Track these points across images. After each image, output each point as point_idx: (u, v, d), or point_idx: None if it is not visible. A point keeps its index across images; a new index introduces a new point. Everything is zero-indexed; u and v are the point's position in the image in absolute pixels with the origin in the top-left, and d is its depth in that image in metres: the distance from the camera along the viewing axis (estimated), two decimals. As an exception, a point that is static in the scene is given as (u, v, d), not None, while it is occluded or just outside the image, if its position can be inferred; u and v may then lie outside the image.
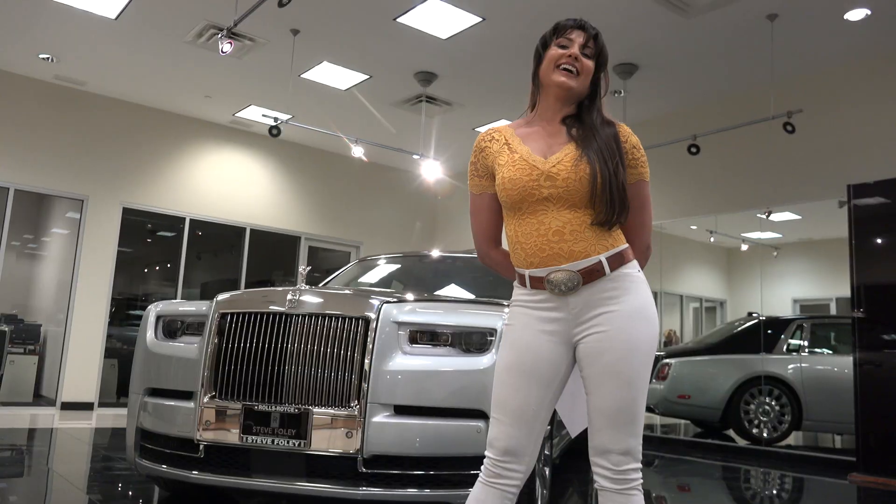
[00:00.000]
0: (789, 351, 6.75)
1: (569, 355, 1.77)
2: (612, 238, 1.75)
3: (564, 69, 1.80)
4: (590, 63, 1.82)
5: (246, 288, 8.03)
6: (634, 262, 1.79)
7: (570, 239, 1.72)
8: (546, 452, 3.34)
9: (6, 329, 8.41)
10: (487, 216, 1.91)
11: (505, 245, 1.94)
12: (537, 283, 1.76)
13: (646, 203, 1.87)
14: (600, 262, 1.72)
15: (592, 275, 1.71)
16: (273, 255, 10.23)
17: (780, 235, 7.73)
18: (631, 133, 1.85)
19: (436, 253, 4.91)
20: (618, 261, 1.74)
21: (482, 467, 1.75)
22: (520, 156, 1.79)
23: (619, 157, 1.76)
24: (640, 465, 1.70)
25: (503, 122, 1.95)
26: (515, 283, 1.85)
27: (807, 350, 6.76)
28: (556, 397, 1.79)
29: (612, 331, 1.70)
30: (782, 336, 6.82)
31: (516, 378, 1.74)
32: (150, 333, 3.30)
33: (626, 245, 1.78)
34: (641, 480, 1.70)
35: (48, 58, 7.51)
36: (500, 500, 1.72)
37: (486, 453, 1.75)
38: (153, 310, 3.39)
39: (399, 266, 4.86)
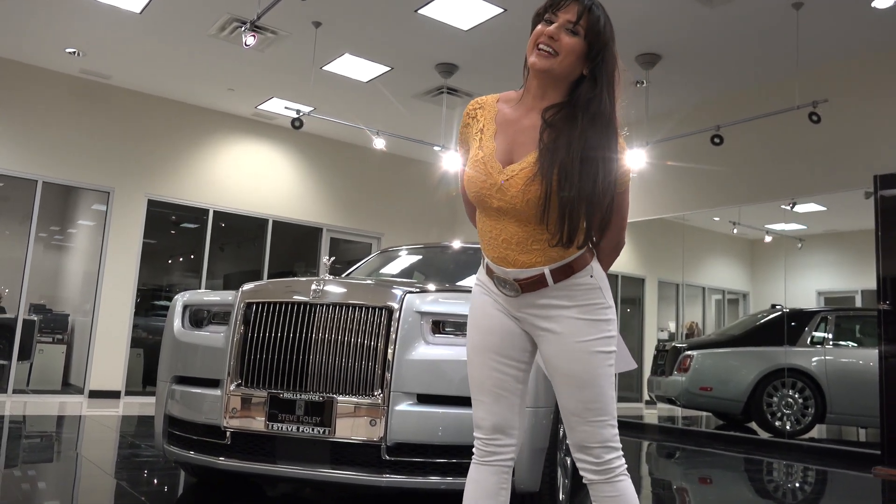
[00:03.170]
0: (813, 343, 6.69)
1: (523, 329, 1.77)
2: (562, 251, 1.67)
3: (539, 49, 1.64)
4: (573, 41, 1.63)
5: (268, 279, 8.12)
6: (589, 268, 1.71)
7: (516, 249, 1.69)
8: (568, 442, 3.35)
9: (35, 319, 8.58)
10: None
11: None
12: (490, 274, 1.77)
13: (615, 211, 1.72)
14: (543, 274, 1.68)
15: (534, 286, 1.69)
16: (295, 246, 10.31)
17: (804, 227, 7.65)
18: None
19: (457, 244, 4.92)
20: (565, 272, 1.68)
21: (474, 450, 1.77)
22: (483, 155, 1.71)
23: (602, 174, 1.60)
24: (620, 453, 1.69)
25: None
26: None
27: (831, 342, 6.70)
28: (529, 368, 1.79)
29: (560, 337, 1.69)
30: (806, 328, 6.77)
31: (487, 358, 1.75)
32: (177, 322, 3.36)
33: (580, 252, 1.69)
34: (625, 465, 1.70)
35: (74, 52, 7.61)
36: (497, 475, 1.74)
37: (476, 435, 1.76)
38: (180, 299, 3.44)
39: (420, 257, 4.89)
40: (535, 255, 1.68)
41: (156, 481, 3.79)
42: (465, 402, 2.76)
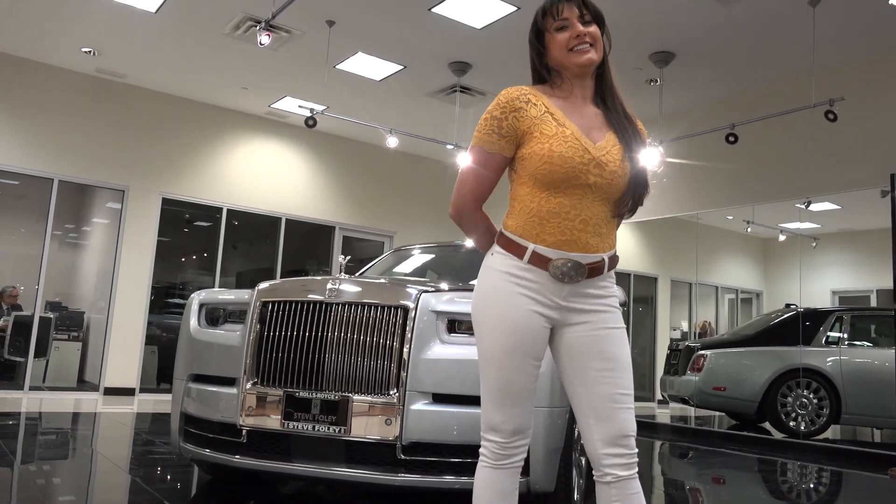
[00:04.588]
0: (828, 343, 6.65)
1: (549, 329, 1.75)
2: (615, 238, 1.79)
3: (580, 48, 1.72)
4: (592, 28, 1.75)
5: (282, 277, 8.13)
6: None
7: (591, 231, 1.70)
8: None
9: (51, 316, 8.66)
10: (491, 178, 1.76)
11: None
12: (539, 262, 1.68)
13: None
14: (603, 260, 1.73)
15: (595, 272, 1.71)
16: (308, 244, 10.34)
17: (819, 226, 7.60)
18: None
19: (469, 242, 4.92)
20: (613, 262, 1.77)
21: (485, 452, 1.73)
22: (571, 132, 1.69)
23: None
24: None
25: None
26: (500, 250, 1.74)
27: (846, 342, 6.65)
28: None
29: (604, 323, 1.72)
30: (821, 328, 6.72)
31: (521, 362, 1.70)
32: (193, 321, 3.37)
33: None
34: None
35: (90, 51, 7.67)
36: (513, 476, 1.73)
37: (491, 438, 1.72)
38: (196, 298, 3.46)
39: (433, 256, 4.89)
40: (602, 238, 1.73)
41: (170, 478, 3.81)
42: (480, 401, 2.77)
